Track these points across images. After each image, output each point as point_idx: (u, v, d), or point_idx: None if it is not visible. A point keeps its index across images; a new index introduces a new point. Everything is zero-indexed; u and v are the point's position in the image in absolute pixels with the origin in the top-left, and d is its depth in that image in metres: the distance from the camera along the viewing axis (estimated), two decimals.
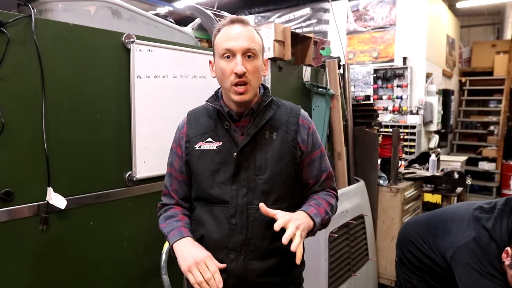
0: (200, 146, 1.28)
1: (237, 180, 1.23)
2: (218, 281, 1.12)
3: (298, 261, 1.09)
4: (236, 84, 1.19)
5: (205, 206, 1.27)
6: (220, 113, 1.28)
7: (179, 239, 1.22)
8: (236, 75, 1.17)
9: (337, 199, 1.39)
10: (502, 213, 1.58)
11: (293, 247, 1.07)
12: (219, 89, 1.35)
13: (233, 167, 1.22)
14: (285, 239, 1.07)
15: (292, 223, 1.11)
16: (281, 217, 1.11)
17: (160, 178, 1.84)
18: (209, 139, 1.28)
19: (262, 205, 1.15)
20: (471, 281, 1.53)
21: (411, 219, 2.11)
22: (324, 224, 1.29)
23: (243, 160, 1.23)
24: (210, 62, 1.32)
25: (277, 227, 1.09)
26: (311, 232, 1.21)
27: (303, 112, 1.35)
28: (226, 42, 1.19)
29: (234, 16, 1.27)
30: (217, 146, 1.26)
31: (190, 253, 1.17)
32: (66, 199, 1.48)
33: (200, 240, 1.27)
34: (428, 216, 1.96)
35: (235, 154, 1.22)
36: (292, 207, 1.28)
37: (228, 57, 1.19)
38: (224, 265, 1.20)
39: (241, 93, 1.19)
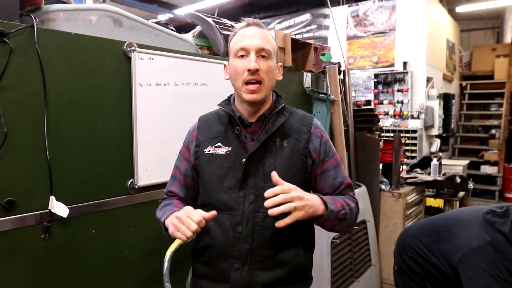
0: (209, 151, 1.27)
1: (244, 187, 1.20)
2: (196, 220, 1.06)
3: (277, 223, 1.04)
4: (248, 82, 1.18)
5: None
6: (231, 118, 1.27)
7: (169, 215, 1.20)
8: (249, 71, 1.17)
9: (357, 206, 1.30)
10: None
11: (267, 203, 1.02)
12: (231, 95, 1.34)
13: (241, 173, 1.20)
14: (267, 193, 1.03)
15: (294, 192, 1.06)
16: (286, 185, 1.06)
17: (162, 185, 1.83)
18: (219, 143, 1.27)
19: (274, 174, 1.09)
20: (482, 286, 1.49)
21: (410, 226, 2.07)
22: (340, 219, 1.20)
23: (252, 166, 1.21)
24: (224, 65, 1.32)
25: (274, 189, 1.04)
26: (321, 218, 1.14)
27: (316, 121, 1.34)
28: (241, 41, 1.21)
29: (250, 19, 1.27)
30: (226, 151, 1.24)
31: (174, 214, 1.15)
32: (68, 208, 1.48)
33: (204, 248, 1.26)
34: (429, 221, 1.93)
35: (244, 159, 1.21)
36: None
37: (242, 56, 1.20)
38: (213, 213, 1.12)
39: (253, 91, 1.19)
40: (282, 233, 1.19)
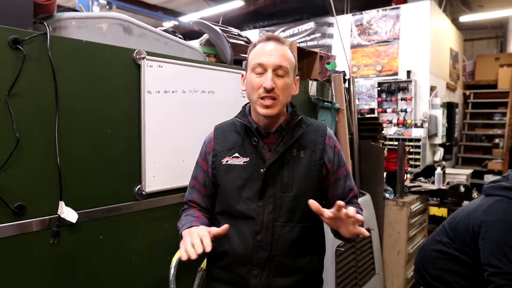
0: (227, 161, 1.29)
1: (263, 197, 1.23)
2: (206, 244, 1.05)
3: (366, 233, 1.10)
4: (263, 98, 1.20)
5: (230, 221, 1.26)
6: (248, 129, 1.29)
7: (187, 228, 1.21)
8: (265, 89, 1.19)
9: (362, 215, 1.34)
10: None
11: (360, 217, 1.08)
12: (246, 104, 1.37)
13: (260, 183, 1.23)
14: (352, 214, 1.06)
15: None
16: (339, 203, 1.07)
17: (168, 192, 1.85)
18: (236, 154, 1.29)
19: (312, 202, 1.08)
20: None
21: (424, 242, 2.09)
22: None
23: (270, 177, 1.24)
24: (242, 75, 1.34)
25: (339, 206, 1.05)
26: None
27: (329, 131, 1.36)
28: (259, 57, 1.22)
29: (270, 34, 1.30)
30: (244, 162, 1.27)
31: (187, 231, 1.16)
32: (77, 213, 1.49)
33: (223, 254, 1.28)
34: (442, 226, 1.97)
35: (262, 170, 1.23)
36: (317, 225, 1.29)
37: (259, 71, 1.22)
38: (226, 226, 1.14)
39: (267, 106, 1.21)
40: (299, 241, 1.24)
